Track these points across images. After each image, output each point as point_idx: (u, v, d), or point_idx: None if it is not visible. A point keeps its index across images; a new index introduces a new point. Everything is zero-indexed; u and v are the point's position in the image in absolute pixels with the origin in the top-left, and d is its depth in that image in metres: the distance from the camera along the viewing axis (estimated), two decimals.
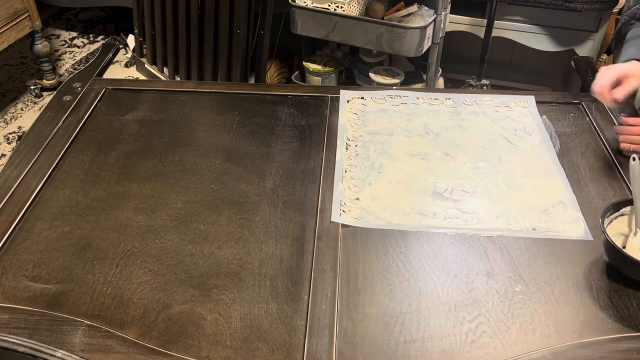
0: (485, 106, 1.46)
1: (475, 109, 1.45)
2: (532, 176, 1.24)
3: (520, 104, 1.46)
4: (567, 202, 1.17)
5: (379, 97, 1.45)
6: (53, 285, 1.02)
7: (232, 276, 1.03)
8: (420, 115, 1.42)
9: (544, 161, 1.28)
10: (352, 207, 1.18)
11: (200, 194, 1.21)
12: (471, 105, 1.46)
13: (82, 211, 1.17)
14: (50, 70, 2.79)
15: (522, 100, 1.47)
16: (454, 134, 1.36)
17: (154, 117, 1.45)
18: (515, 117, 1.41)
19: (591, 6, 2.02)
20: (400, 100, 1.44)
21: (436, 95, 1.49)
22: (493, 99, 1.48)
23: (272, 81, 2.48)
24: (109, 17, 3.46)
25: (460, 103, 1.47)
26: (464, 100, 1.48)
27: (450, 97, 1.48)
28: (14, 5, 2.44)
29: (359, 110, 1.44)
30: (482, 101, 1.47)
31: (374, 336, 0.93)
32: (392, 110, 1.44)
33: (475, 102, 1.47)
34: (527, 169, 1.26)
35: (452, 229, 1.13)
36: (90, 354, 0.89)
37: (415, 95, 1.46)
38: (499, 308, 0.98)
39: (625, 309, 0.98)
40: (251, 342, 0.92)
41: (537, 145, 1.32)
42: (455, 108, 1.45)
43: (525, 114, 1.43)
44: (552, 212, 1.16)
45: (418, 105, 1.44)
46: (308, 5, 2.07)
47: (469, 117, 1.42)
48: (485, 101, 1.47)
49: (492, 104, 1.47)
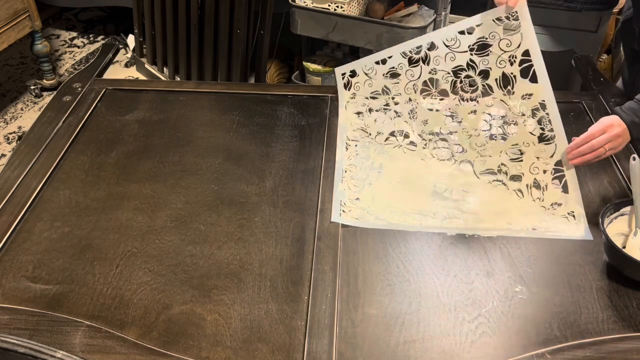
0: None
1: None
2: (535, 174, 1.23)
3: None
4: (569, 198, 1.17)
5: (369, 68, 1.42)
6: (53, 285, 1.02)
7: (232, 277, 1.03)
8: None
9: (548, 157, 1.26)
10: (352, 207, 1.17)
11: (200, 194, 1.21)
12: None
13: (82, 212, 1.17)
14: (50, 70, 2.79)
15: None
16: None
17: (154, 117, 1.45)
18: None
19: (591, 6, 2.02)
20: (389, 64, 1.37)
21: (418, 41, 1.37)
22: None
23: (272, 81, 2.48)
24: (109, 17, 3.46)
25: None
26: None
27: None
28: (14, 5, 2.44)
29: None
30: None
31: (374, 336, 0.93)
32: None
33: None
34: (530, 166, 1.25)
35: (452, 229, 1.13)
36: (91, 354, 0.89)
37: (399, 51, 1.37)
38: (499, 308, 0.98)
39: (625, 309, 0.98)
40: (251, 343, 0.92)
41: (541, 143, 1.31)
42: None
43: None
44: (552, 210, 1.16)
45: (412, 74, 1.36)
46: (308, 5, 2.07)
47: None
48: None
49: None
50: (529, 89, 1.21)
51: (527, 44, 1.19)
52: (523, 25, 1.19)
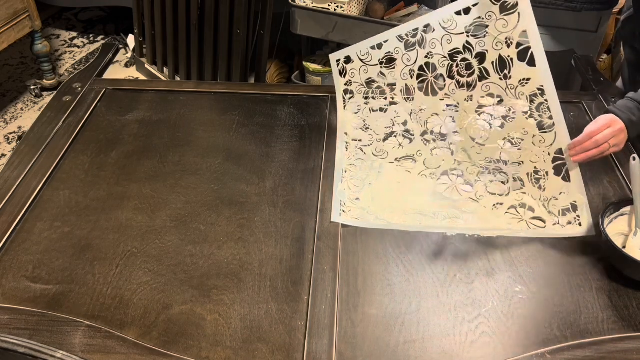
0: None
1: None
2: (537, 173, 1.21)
3: None
4: (571, 187, 1.14)
5: (364, 54, 1.39)
6: (53, 286, 1.02)
7: (232, 277, 1.03)
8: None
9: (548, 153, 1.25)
10: (352, 207, 1.17)
11: (200, 194, 1.21)
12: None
13: (82, 212, 1.17)
14: (50, 70, 2.79)
15: None
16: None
17: (154, 117, 1.45)
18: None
19: (591, 6, 2.02)
20: (385, 49, 1.34)
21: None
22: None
23: (272, 81, 2.48)
24: (109, 17, 3.46)
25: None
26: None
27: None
28: (14, 5, 2.44)
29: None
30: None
31: (374, 337, 0.93)
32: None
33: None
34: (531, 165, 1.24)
35: (452, 229, 1.13)
36: (91, 354, 0.89)
37: (395, 34, 1.34)
38: (499, 308, 0.98)
39: (625, 309, 0.98)
40: (251, 343, 0.92)
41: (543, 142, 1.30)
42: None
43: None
44: (554, 203, 1.14)
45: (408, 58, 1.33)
46: (308, 5, 2.07)
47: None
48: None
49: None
50: (527, 73, 1.16)
51: (525, 25, 1.14)
52: (521, 3, 1.14)
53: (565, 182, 1.16)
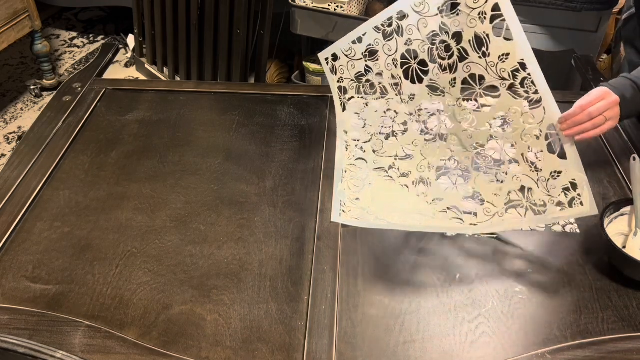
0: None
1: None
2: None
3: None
4: (568, 164, 1.08)
5: (347, 50, 1.37)
6: (53, 286, 1.02)
7: (232, 277, 1.03)
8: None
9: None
10: (352, 207, 1.17)
11: (200, 194, 1.21)
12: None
13: (82, 212, 1.17)
14: (50, 70, 2.79)
15: None
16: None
17: (154, 117, 1.45)
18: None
19: (591, 6, 2.02)
20: (365, 42, 1.30)
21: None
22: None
23: (272, 81, 2.48)
24: (109, 17, 3.46)
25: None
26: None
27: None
28: (14, 5, 2.44)
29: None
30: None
31: (374, 337, 0.93)
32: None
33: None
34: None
35: (452, 229, 1.13)
36: (90, 354, 0.89)
37: (371, 26, 1.30)
38: (499, 308, 0.98)
39: (625, 309, 0.98)
40: (251, 343, 0.92)
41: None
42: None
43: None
44: (552, 184, 1.09)
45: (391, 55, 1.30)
46: (308, 5, 2.07)
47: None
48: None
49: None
50: (505, 47, 1.10)
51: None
52: None
53: (561, 160, 1.10)
